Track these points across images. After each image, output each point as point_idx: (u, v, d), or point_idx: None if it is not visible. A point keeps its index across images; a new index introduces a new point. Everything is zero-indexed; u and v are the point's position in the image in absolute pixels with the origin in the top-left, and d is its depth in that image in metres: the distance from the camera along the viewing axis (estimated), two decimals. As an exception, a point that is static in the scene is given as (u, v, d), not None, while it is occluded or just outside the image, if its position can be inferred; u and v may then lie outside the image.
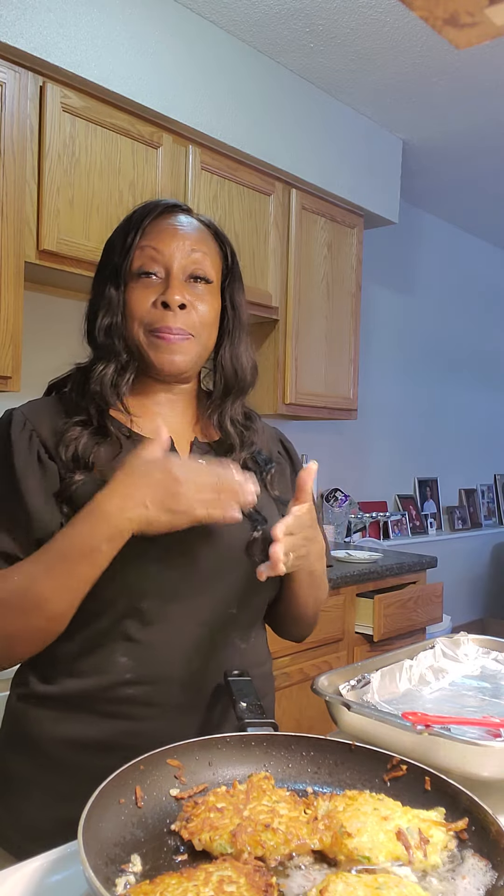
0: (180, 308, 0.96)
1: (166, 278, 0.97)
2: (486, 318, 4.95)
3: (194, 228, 1.01)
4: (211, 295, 1.01)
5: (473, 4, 0.52)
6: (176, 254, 0.97)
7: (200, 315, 0.99)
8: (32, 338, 2.32)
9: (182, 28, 2.34)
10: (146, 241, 0.98)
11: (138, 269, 0.98)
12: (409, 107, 3.03)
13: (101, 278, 1.02)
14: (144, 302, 0.97)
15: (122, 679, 0.93)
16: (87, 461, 0.94)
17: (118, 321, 0.99)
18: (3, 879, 0.67)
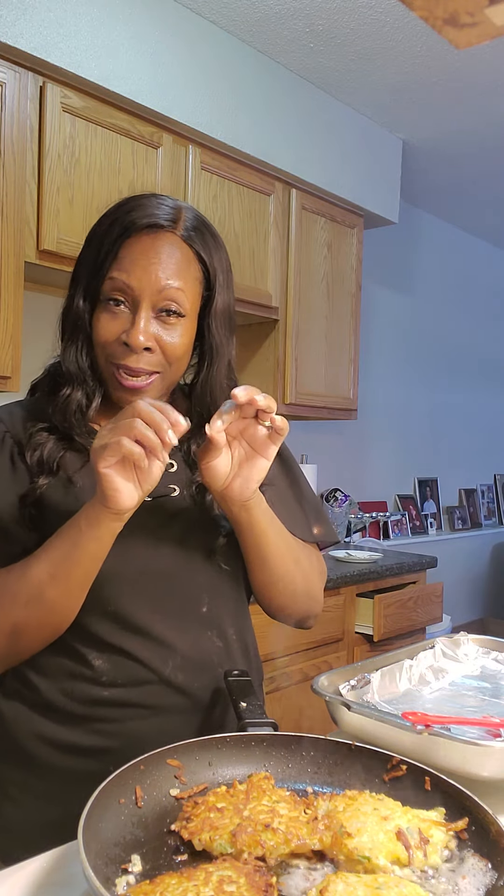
0: (145, 349, 0.92)
1: (134, 312, 0.92)
2: (486, 318, 4.95)
3: (173, 255, 0.93)
4: (183, 327, 0.95)
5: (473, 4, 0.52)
6: (146, 290, 0.91)
7: (167, 352, 0.94)
8: (32, 338, 2.32)
9: (182, 28, 2.34)
10: (116, 272, 0.91)
11: (106, 296, 0.93)
12: (409, 107, 3.03)
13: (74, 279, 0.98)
14: (108, 334, 0.93)
15: (98, 682, 0.93)
16: (52, 466, 0.94)
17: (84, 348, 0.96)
18: (3, 879, 0.67)
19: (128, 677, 0.93)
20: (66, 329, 0.98)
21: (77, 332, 0.96)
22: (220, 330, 1.00)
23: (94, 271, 0.94)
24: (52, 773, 0.93)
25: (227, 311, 1.01)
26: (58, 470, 0.94)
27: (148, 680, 0.94)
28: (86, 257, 0.97)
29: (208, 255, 0.97)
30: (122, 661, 0.93)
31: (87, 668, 0.93)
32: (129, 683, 0.93)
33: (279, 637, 1.08)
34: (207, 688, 0.97)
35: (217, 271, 0.98)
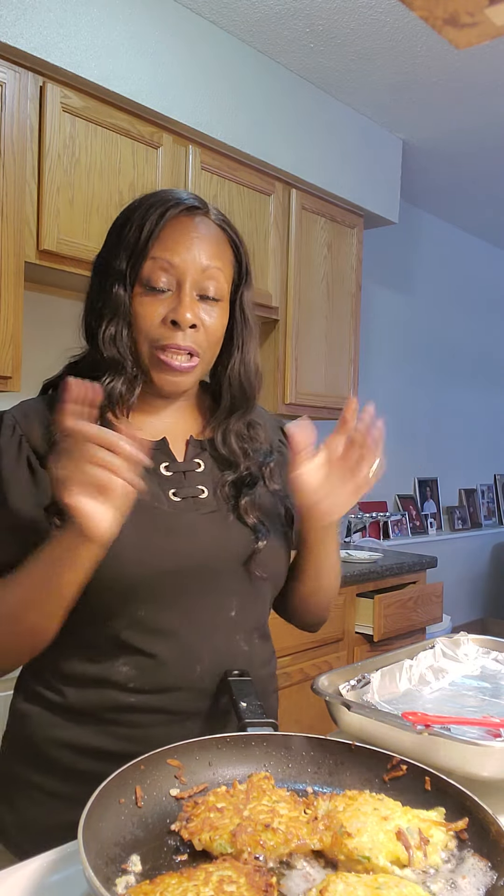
0: (191, 328, 0.92)
1: (177, 293, 0.92)
2: (486, 318, 4.95)
3: (211, 236, 0.95)
4: (221, 311, 0.96)
5: (473, 4, 0.52)
6: (189, 269, 0.92)
7: (209, 333, 0.95)
8: (32, 338, 2.32)
9: (182, 28, 2.34)
10: (159, 252, 0.92)
11: (147, 281, 0.92)
12: (409, 107, 3.03)
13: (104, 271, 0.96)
14: (152, 317, 0.92)
15: (125, 688, 0.92)
16: None
17: (125, 332, 0.94)
18: (3, 879, 0.67)
19: (155, 683, 0.92)
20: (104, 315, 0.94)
21: (116, 317, 0.93)
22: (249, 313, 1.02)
23: (134, 254, 0.93)
24: (74, 776, 0.92)
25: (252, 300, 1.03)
26: None
27: (175, 686, 0.92)
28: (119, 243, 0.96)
29: (238, 241, 0.99)
30: (150, 666, 0.91)
31: (115, 674, 0.91)
32: (156, 689, 0.92)
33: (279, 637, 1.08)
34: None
35: (246, 257, 1.01)
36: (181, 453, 1.00)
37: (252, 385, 1.03)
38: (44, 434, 0.93)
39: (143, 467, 0.83)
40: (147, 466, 0.84)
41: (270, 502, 1.02)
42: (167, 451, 0.98)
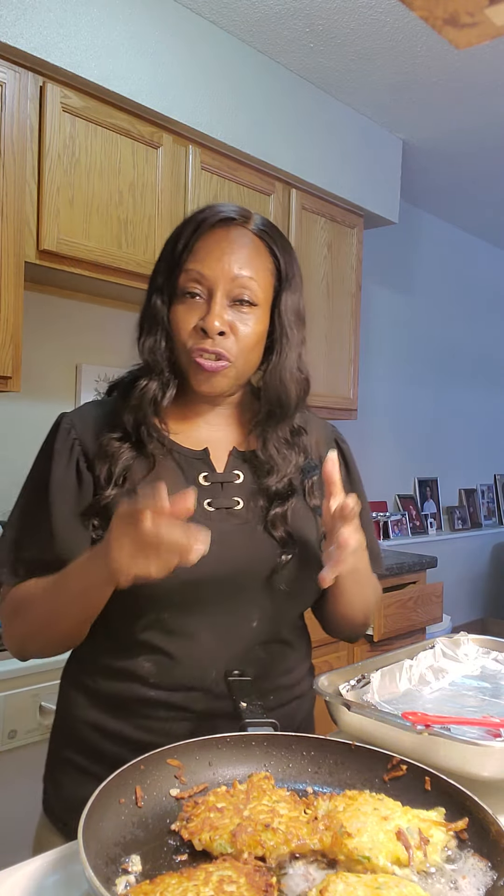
0: (219, 335, 0.96)
1: (208, 301, 0.96)
2: (487, 318, 4.95)
3: (245, 246, 0.98)
4: (256, 317, 0.99)
5: (473, 4, 0.52)
6: (220, 279, 0.96)
7: (241, 339, 0.97)
8: (32, 338, 2.32)
9: (182, 28, 2.34)
10: (192, 264, 0.97)
11: (182, 289, 0.97)
12: (409, 107, 3.03)
13: (151, 285, 1.03)
14: (186, 324, 0.97)
15: (146, 682, 0.97)
16: (120, 479, 0.97)
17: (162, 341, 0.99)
18: (3, 879, 0.67)
19: (173, 681, 0.96)
20: (144, 326, 1.01)
21: (155, 326, 1.00)
22: (290, 319, 1.03)
23: (170, 268, 0.99)
24: (100, 757, 0.98)
25: (298, 306, 1.04)
26: (125, 482, 0.97)
27: (191, 686, 0.96)
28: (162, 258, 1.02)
29: (279, 248, 1.01)
30: (169, 665, 0.96)
31: (138, 668, 0.97)
32: (174, 688, 0.96)
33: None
34: None
35: (287, 265, 1.02)
36: (222, 464, 1.03)
37: (288, 390, 1.04)
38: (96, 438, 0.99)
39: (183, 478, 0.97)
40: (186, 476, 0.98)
41: (306, 517, 1.04)
42: (208, 462, 1.02)
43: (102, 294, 2.49)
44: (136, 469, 0.98)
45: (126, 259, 2.19)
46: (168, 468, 0.99)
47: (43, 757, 1.12)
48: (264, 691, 0.99)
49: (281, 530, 0.99)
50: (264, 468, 1.03)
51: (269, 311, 1.01)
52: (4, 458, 2.38)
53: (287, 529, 1.00)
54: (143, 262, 2.24)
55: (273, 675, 1.02)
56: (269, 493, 1.01)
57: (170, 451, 1.01)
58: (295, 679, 1.07)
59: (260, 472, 1.03)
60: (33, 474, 1.03)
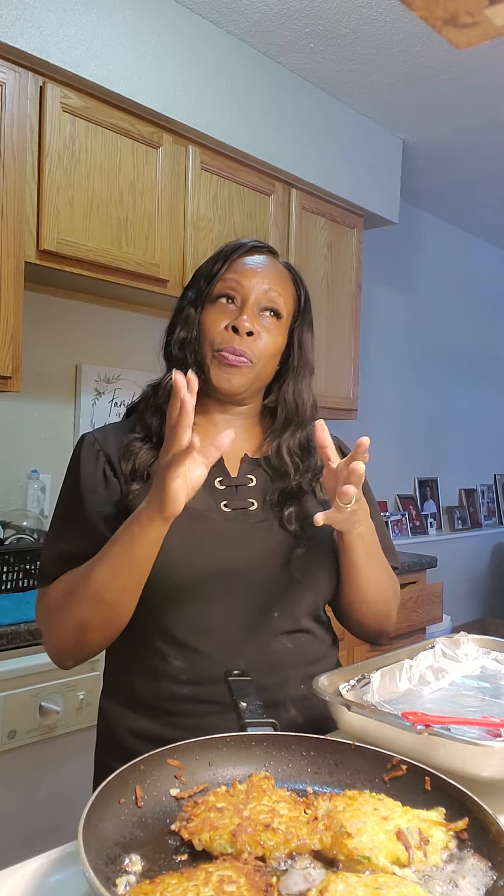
0: (248, 335, 1.04)
1: (241, 307, 1.06)
2: (487, 318, 4.95)
3: (275, 269, 1.11)
4: (278, 329, 1.09)
5: (473, 4, 0.52)
6: (254, 288, 1.06)
7: (264, 345, 1.06)
8: (32, 338, 2.32)
9: (182, 28, 2.34)
10: (229, 274, 1.07)
11: (217, 294, 1.07)
12: (409, 107, 3.03)
13: (182, 302, 1.11)
14: (217, 324, 1.05)
15: (178, 679, 1.01)
16: (144, 474, 1.03)
17: (192, 336, 1.07)
18: (3, 879, 0.67)
19: (202, 676, 1.00)
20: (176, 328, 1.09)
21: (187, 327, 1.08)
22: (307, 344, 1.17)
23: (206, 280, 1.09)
24: None
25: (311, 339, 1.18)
26: (148, 478, 1.03)
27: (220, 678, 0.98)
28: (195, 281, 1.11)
29: (301, 282, 1.15)
30: (197, 660, 1.01)
31: (168, 667, 1.01)
32: (204, 682, 1.00)
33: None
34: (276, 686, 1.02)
35: (306, 299, 1.16)
36: (235, 470, 1.10)
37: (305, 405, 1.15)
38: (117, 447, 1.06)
39: None
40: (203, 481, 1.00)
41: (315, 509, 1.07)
42: (222, 468, 1.09)
43: (102, 294, 2.49)
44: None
45: (126, 259, 2.19)
46: None
47: (43, 757, 1.13)
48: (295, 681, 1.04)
49: (295, 525, 1.05)
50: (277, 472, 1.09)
51: (288, 330, 1.12)
52: (4, 458, 2.38)
53: (301, 525, 1.05)
54: (143, 261, 2.24)
55: (300, 663, 1.06)
56: (283, 494, 1.07)
57: None
58: (323, 668, 1.10)
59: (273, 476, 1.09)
60: (64, 485, 1.09)
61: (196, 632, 1.01)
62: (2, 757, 1.67)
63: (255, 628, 1.03)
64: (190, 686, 1.01)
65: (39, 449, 2.42)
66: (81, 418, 2.56)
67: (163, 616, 1.01)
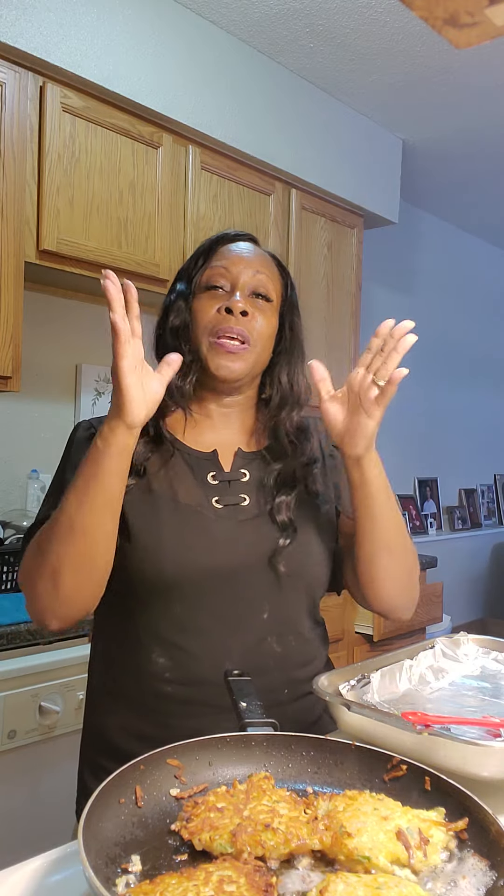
0: (242, 315, 1.03)
1: (231, 291, 1.05)
2: (487, 318, 4.95)
3: (260, 255, 1.10)
4: (270, 311, 1.08)
5: (473, 4, 0.52)
6: (242, 272, 1.06)
7: (259, 325, 1.05)
8: (32, 338, 2.32)
9: (182, 28, 2.34)
10: (216, 262, 1.07)
11: (206, 283, 1.06)
12: (409, 107, 3.03)
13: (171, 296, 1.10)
14: (209, 309, 1.05)
15: (161, 678, 1.00)
16: (140, 469, 1.02)
17: (186, 322, 1.07)
18: (4, 879, 0.67)
19: (187, 675, 0.99)
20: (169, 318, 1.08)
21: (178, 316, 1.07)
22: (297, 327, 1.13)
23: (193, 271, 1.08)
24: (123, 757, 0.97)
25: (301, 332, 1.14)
26: (144, 473, 1.02)
27: (205, 679, 0.98)
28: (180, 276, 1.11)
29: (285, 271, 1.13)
30: (183, 659, 0.99)
31: (152, 664, 1.00)
32: (189, 682, 0.99)
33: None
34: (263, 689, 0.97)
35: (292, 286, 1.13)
36: (229, 464, 1.08)
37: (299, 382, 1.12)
38: None
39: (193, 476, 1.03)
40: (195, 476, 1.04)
41: (308, 505, 1.08)
42: (216, 462, 1.07)
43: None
44: (152, 462, 1.04)
45: (126, 259, 2.19)
46: (180, 465, 1.05)
47: (42, 757, 1.13)
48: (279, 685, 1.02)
49: (284, 515, 1.03)
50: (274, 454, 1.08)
51: (278, 314, 1.10)
52: (4, 458, 2.38)
53: (290, 515, 1.04)
54: (143, 261, 2.24)
55: (288, 667, 1.04)
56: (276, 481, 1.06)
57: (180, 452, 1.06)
58: (311, 672, 1.07)
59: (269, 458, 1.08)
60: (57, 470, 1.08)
61: (182, 630, 0.99)
62: (2, 757, 1.67)
63: (243, 629, 1.01)
64: (174, 685, 0.99)
65: (39, 449, 2.42)
66: (81, 418, 2.56)
67: (149, 611, 1.00)
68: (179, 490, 1.03)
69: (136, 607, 1.00)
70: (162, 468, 1.04)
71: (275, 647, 1.03)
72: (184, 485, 1.04)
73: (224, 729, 0.89)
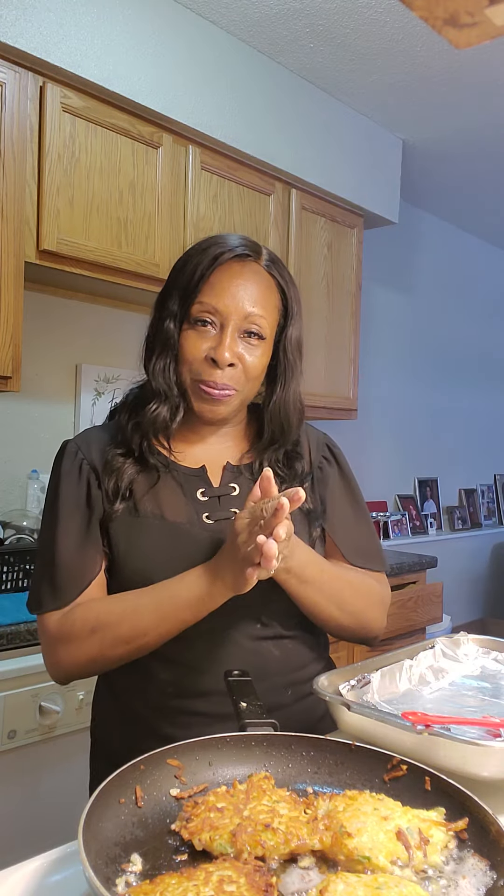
0: (229, 366, 1.00)
1: (220, 333, 1.01)
2: (486, 318, 4.95)
3: (257, 283, 1.03)
4: (262, 349, 1.04)
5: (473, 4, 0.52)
6: (233, 314, 1.00)
7: (248, 370, 1.02)
8: (32, 338, 2.32)
9: (182, 28, 2.34)
10: (207, 297, 1.00)
11: (195, 318, 1.01)
12: (409, 107, 3.03)
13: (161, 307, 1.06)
14: (196, 351, 1.01)
15: (166, 692, 1.00)
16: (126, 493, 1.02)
17: (171, 365, 1.03)
18: (3, 879, 0.67)
19: (190, 688, 1.00)
20: (155, 349, 1.05)
21: (165, 350, 1.03)
22: (294, 354, 1.09)
23: (185, 295, 1.02)
24: None
25: (299, 339, 1.10)
26: (131, 495, 1.02)
27: (208, 690, 0.99)
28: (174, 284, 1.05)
29: (286, 284, 1.07)
30: (184, 673, 1.00)
31: (155, 680, 1.01)
32: (192, 694, 1.00)
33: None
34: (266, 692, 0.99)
35: (292, 301, 1.08)
36: (218, 479, 1.08)
37: (291, 421, 1.10)
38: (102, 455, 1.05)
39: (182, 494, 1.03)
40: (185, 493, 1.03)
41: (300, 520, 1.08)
42: (205, 478, 1.07)
43: (102, 294, 2.49)
44: (139, 482, 1.03)
45: (126, 259, 2.19)
46: (168, 484, 1.05)
47: (42, 757, 1.13)
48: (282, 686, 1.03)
49: None
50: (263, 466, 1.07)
51: (273, 345, 1.07)
52: (4, 458, 2.38)
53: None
54: (143, 262, 2.24)
55: (287, 670, 1.05)
56: None
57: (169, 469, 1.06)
58: (311, 674, 1.08)
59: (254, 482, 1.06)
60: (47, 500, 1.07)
61: (180, 645, 0.99)
62: (2, 757, 1.67)
63: (240, 637, 1.02)
64: (178, 699, 1.01)
65: (39, 449, 2.42)
66: (81, 418, 2.57)
67: None
68: (167, 509, 1.03)
69: None
70: (150, 489, 1.04)
71: (273, 652, 1.04)
72: (172, 503, 1.04)
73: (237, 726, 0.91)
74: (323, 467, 1.15)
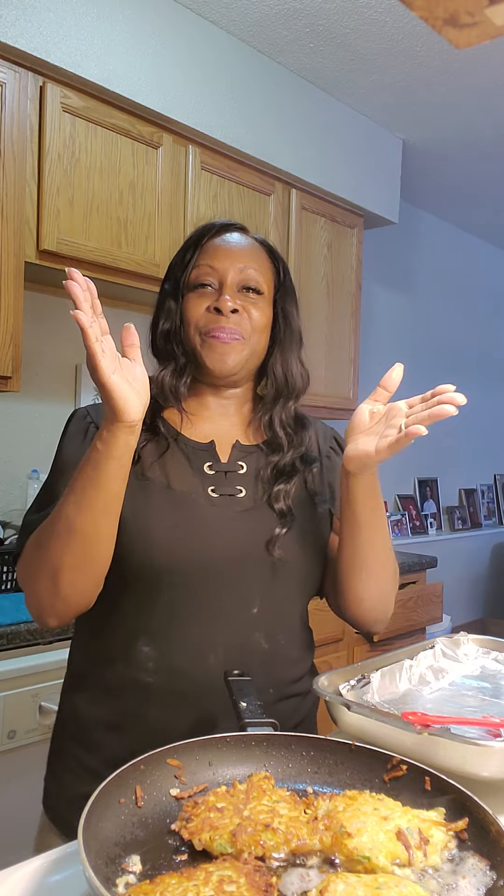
0: (232, 312, 1.03)
1: (220, 289, 1.04)
2: (486, 318, 4.95)
3: (247, 246, 1.09)
4: (263, 303, 1.07)
5: (473, 4, 0.52)
6: (229, 269, 1.04)
7: (252, 320, 1.05)
8: (32, 338, 2.32)
9: (182, 28, 2.34)
10: (202, 260, 1.05)
11: (194, 282, 1.05)
12: (409, 107, 3.03)
13: (162, 295, 1.10)
14: (199, 308, 1.04)
15: (144, 667, 0.98)
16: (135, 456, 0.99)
17: (176, 326, 1.06)
18: (3, 879, 0.67)
19: (170, 666, 0.98)
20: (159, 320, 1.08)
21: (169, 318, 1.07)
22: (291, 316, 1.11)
23: (180, 268, 1.07)
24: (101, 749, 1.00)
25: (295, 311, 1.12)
26: (139, 461, 1.01)
27: (187, 671, 0.97)
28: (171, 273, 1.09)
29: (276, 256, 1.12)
30: (167, 649, 0.98)
31: (136, 653, 0.98)
32: (171, 672, 0.98)
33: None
34: None
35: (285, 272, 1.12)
36: (226, 455, 1.08)
37: (294, 376, 1.12)
38: None
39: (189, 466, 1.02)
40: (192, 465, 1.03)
41: (306, 500, 1.08)
42: (213, 453, 1.07)
43: (102, 294, 2.47)
44: (148, 450, 1.03)
45: (126, 259, 2.19)
46: (176, 455, 1.05)
47: (42, 757, 1.12)
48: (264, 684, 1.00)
49: (283, 503, 1.03)
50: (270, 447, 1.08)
51: (271, 304, 1.09)
52: (4, 458, 2.38)
53: (288, 503, 1.03)
54: (143, 261, 2.24)
55: (273, 667, 1.03)
56: (274, 471, 1.06)
57: (178, 441, 1.06)
58: (296, 675, 1.07)
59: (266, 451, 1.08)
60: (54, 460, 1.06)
61: (168, 619, 0.98)
62: (2, 757, 1.67)
63: (231, 623, 1.00)
64: (156, 675, 0.98)
65: (39, 449, 2.42)
66: (81, 418, 2.57)
67: (137, 599, 0.99)
68: (174, 478, 1.02)
69: (123, 595, 0.99)
70: (158, 457, 1.03)
71: (262, 644, 1.02)
72: (179, 473, 1.03)
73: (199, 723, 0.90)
74: (331, 456, 1.15)
